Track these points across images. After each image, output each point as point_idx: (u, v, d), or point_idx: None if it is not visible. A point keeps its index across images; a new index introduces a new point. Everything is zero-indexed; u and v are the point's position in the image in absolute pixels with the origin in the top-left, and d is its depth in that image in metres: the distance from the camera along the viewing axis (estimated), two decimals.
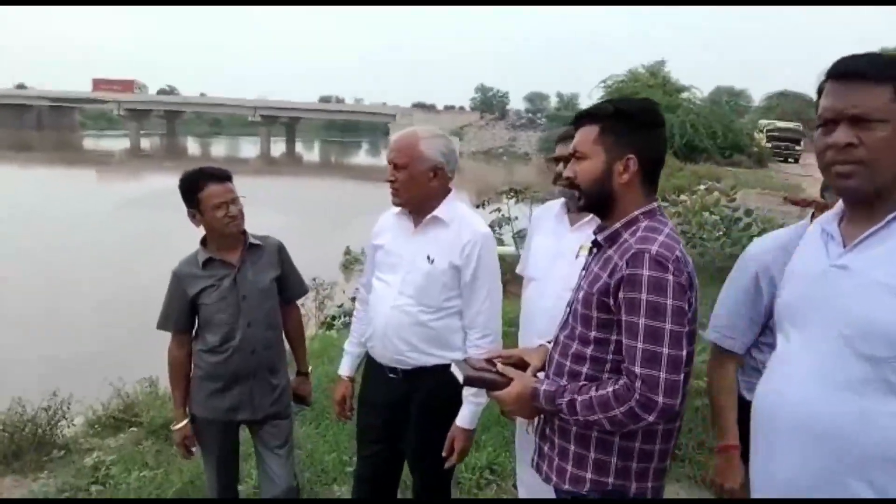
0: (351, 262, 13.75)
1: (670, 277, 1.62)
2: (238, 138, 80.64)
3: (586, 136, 1.80)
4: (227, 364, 2.67)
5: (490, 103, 78.36)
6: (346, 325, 8.79)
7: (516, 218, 10.57)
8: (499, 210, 10.33)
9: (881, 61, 1.34)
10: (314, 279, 9.22)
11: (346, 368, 2.79)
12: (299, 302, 3.08)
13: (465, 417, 2.44)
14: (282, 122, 78.40)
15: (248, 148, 68.42)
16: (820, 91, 1.41)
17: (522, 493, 2.79)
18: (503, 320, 2.63)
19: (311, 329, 7.60)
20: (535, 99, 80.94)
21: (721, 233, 8.21)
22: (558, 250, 2.54)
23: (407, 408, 2.52)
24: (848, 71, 1.36)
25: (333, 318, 9.61)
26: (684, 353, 1.63)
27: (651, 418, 1.61)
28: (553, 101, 77.47)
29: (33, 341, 8.68)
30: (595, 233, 1.88)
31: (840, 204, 1.48)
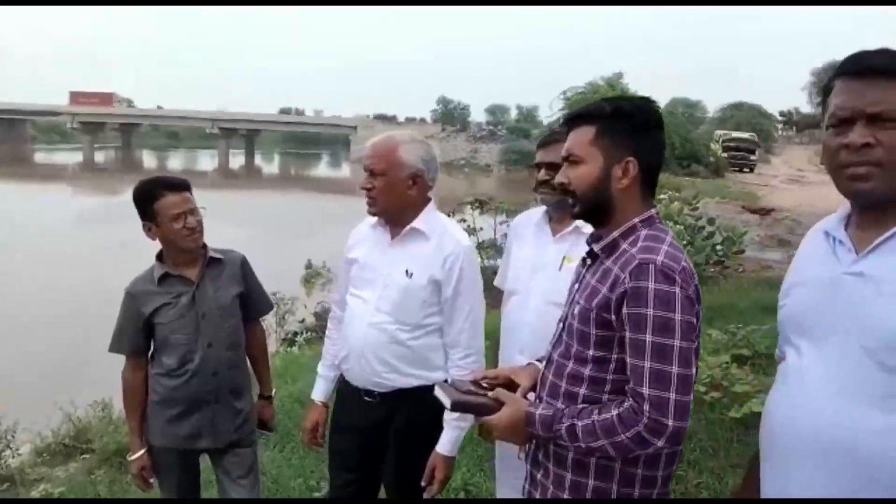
0: (312, 276, 13.52)
1: (678, 290, 1.50)
2: (196, 151, 79.42)
3: (581, 137, 1.67)
4: (185, 388, 2.48)
5: (451, 115, 78.35)
6: (309, 342, 8.61)
7: (481, 229, 10.55)
8: (464, 221, 10.26)
9: None
10: (274, 294, 8.97)
11: (319, 393, 2.59)
12: (259, 318, 2.89)
13: (445, 444, 2.28)
14: (241, 134, 77.29)
15: (207, 161, 67.42)
16: (827, 90, 1.34)
17: None
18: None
19: (272, 346, 7.38)
20: (496, 111, 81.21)
21: (685, 242, 8.25)
22: (540, 262, 2.40)
23: (385, 432, 2.36)
24: (865, 67, 1.27)
25: (295, 334, 9.41)
26: (693, 371, 1.52)
27: (660, 443, 1.49)
28: (513, 114, 77.85)
29: None
30: (589, 242, 1.75)
31: (844, 207, 1.40)
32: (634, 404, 1.50)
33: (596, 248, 1.68)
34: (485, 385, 1.84)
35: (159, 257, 2.55)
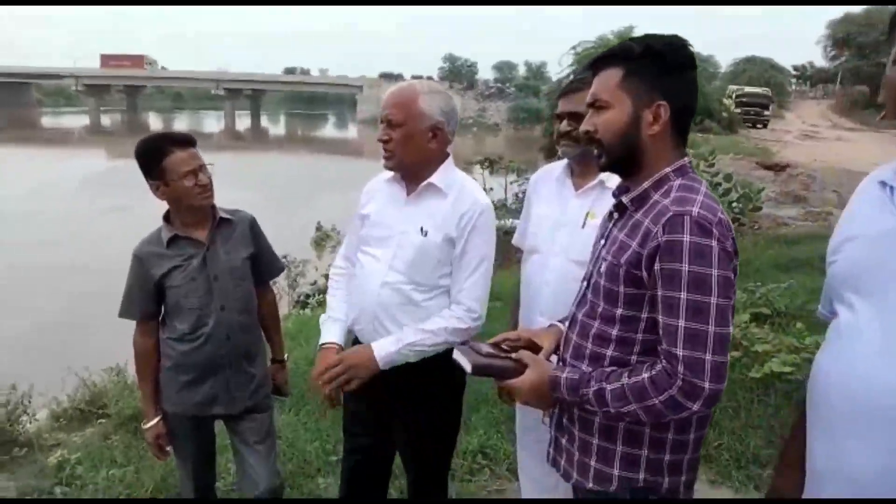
0: (322, 239, 13.49)
1: (714, 244, 1.40)
2: (201, 113, 79.02)
3: (608, 81, 1.55)
4: (199, 353, 2.41)
5: (458, 73, 77.38)
6: (321, 304, 8.57)
7: (491, 189, 10.44)
8: (480, 189, 10.14)
9: None
10: (285, 257, 8.96)
11: (332, 334, 2.30)
12: (270, 281, 2.83)
13: (380, 350, 2.14)
14: (246, 95, 76.78)
15: (212, 122, 67.12)
16: (894, 23, 1.21)
17: (524, 482, 2.59)
18: (492, 294, 2.39)
19: (284, 309, 7.37)
20: (504, 68, 79.88)
21: None
22: (562, 218, 2.28)
23: (399, 395, 2.28)
24: None
25: (307, 296, 9.41)
26: (730, 329, 1.43)
27: (695, 407, 1.41)
28: (522, 70, 76.67)
29: None
30: (616, 194, 1.65)
31: None
32: (668, 366, 1.42)
33: (625, 199, 1.58)
34: (505, 348, 1.77)
35: (166, 218, 2.45)
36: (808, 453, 1.34)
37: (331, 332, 2.31)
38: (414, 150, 2.16)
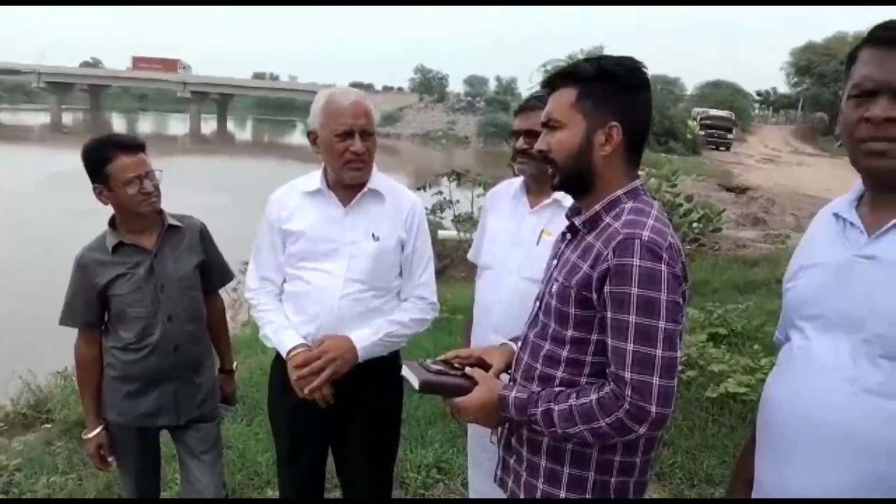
0: None
1: (664, 268, 1.39)
2: (166, 115, 77.74)
3: (562, 100, 1.54)
4: (145, 363, 2.34)
5: (429, 85, 77.46)
6: None
7: (458, 201, 10.40)
8: (440, 193, 10.11)
9: None
10: (246, 263, 8.79)
11: (294, 339, 2.18)
12: (231, 285, 2.76)
13: (363, 339, 2.15)
14: (213, 98, 75.94)
15: (178, 125, 66.08)
16: (852, 58, 1.25)
17: (475, 500, 2.56)
18: (445, 307, 2.41)
19: (242, 315, 7.21)
20: (475, 82, 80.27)
21: None
22: (517, 235, 2.28)
23: (351, 408, 2.23)
24: (894, 36, 1.19)
25: None
26: (678, 354, 1.42)
27: (642, 430, 1.40)
28: (492, 85, 77.19)
29: None
30: (569, 216, 1.64)
31: (856, 188, 1.32)
32: (616, 388, 1.40)
33: (577, 221, 1.57)
34: (456, 365, 1.74)
35: (111, 224, 2.37)
36: (756, 473, 1.37)
37: (292, 338, 2.21)
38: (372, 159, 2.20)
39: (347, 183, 2.19)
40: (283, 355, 2.20)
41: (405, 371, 1.70)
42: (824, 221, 1.37)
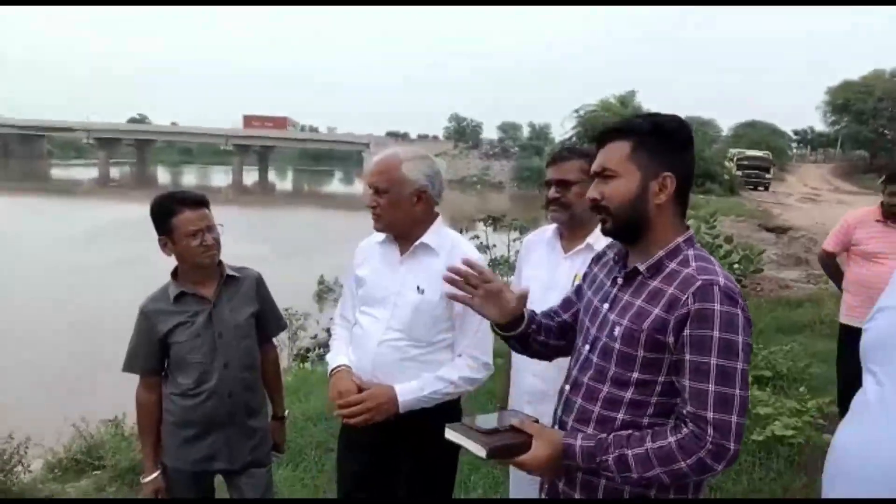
0: (325, 292, 13.48)
1: (740, 312, 1.47)
2: (210, 167, 79.84)
3: (616, 152, 1.62)
4: (201, 409, 2.43)
5: (463, 132, 78.72)
6: (321, 358, 8.53)
7: (494, 245, 10.47)
8: (476, 237, 10.19)
9: None
10: (287, 309, 8.94)
11: (341, 360, 2.37)
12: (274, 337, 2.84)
13: (407, 394, 2.20)
14: (254, 150, 77.88)
15: (220, 177, 67.78)
16: None
17: None
18: (493, 350, 2.43)
19: (284, 362, 7.34)
20: (508, 129, 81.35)
21: None
22: (552, 280, 2.36)
23: (396, 453, 2.30)
24: None
25: (308, 350, 9.35)
26: (748, 393, 1.48)
27: (720, 468, 1.44)
28: (525, 131, 77.97)
29: None
30: (616, 260, 1.71)
31: None
32: (697, 429, 1.44)
33: (641, 267, 1.61)
34: (505, 427, 1.65)
35: (174, 275, 2.51)
36: None
37: (337, 359, 2.39)
38: (401, 214, 2.26)
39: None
40: (328, 370, 2.40)
41: (453, 435, 1.62)
42: None
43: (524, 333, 1.80)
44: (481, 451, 1.54)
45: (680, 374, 1.49)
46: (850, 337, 4.26)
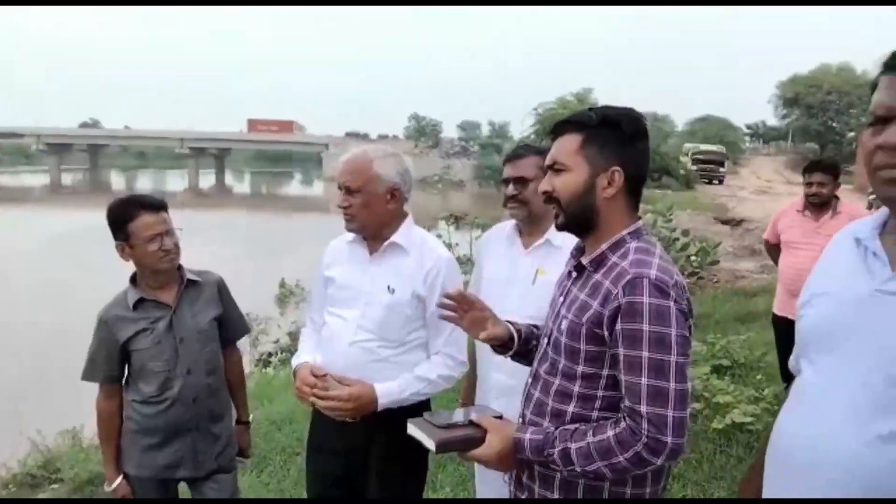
0: (286, 296, 13.35)
1: (672, 304, 1.47)
2: (165, 171, 78.30)
3: (567, 145, 1.63)
4: (164, 416, 2.39)
5: (423, 132, 78.73)
6: (284, 363, 8.46)
7: (457, 244, 10.52)
8: (439, 236, 10.20)
9: None
10: (248, 314, 8.81)
11: (301, 358, 2.36)
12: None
13: (385, 393, 2.19)
14: (210, 153, 76.60)
15: (176, 181, 66.55)
16: (874, 86, 1.20)
17: None
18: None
19: (246, 367, 7.25)
20: (468, 127, 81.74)
21: None
22: (512, 275, 2.39)
23: (366, 454, 2.29)
24: None
25: (270, 354, 9.26)
26: (688, 385, 1.49)
27: (659, 462, 1.45)
28: (485, 130, 78.33)
29: None
30: (574, 254, 1.72)
31: (881, 212, 1.26)
32: (632, 423, 1.46)
33: (584, 261, 1.64)
34: (463, 421, 1.68)
35: (133, 280, 2.46)
36: (766, 496, 1.34)
37: (303, 356, 2.36)
38: (374, 213, 2.25)
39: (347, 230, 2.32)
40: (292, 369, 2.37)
41: (413, 430, 1.67)
42: (844, 246, 1.29)
43: (524, 351, 1.83)
44: (431, 444, 1.58)
45: (617, 368, 1.51)
46: (780, 327, 4.43)
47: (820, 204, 4.21)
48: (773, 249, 4.62)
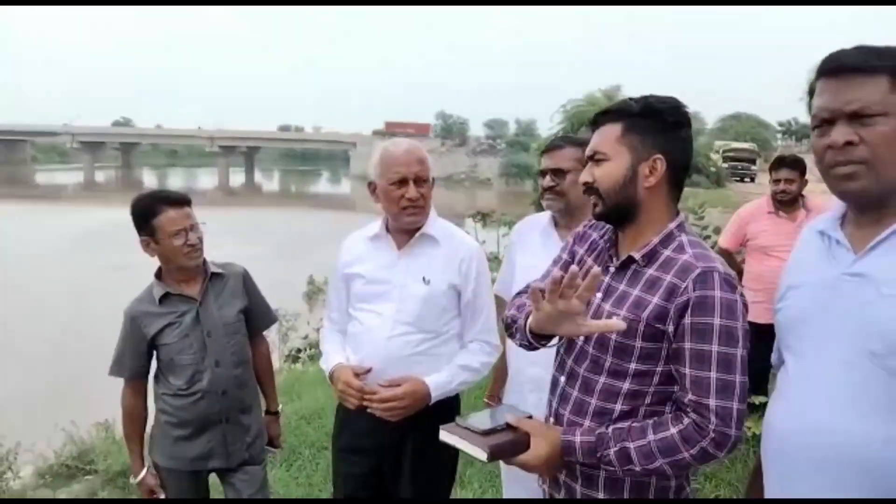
0: (314, 292, 13.43)
1: (739, 298, 1.46)
2: (195, 169, 79.39)
3: (608, 135, 1.59)
4: (194, 408, 2.40)
5: (451, 130, 78.79)
6: (312, 358, 8.50)
7: (484, 241, 10.47)
8: (467, 234, 10.18)
9: (873, 51, 1.23)
10: (277, 310, 8.88)
11: (335, 360, 2.28)
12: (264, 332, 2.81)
13: (435, 384, 2.17)
14: (240, 151, 77.50)
15: (206, 179, 67.41)
16: (811, 91, 1.30)
17: None
18: None
19: (275, 363, 7.30)
20: (495, 125, 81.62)
21: None
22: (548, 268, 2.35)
23: (400, 453, 2.25)
24: (840, 65, 1.24)
25: (299, 350, 9.31)
26: (747, 378, 1.46)
27: (722, 455, 1.42)
28: (512, 128, 78.13)
29: None
30: (610, 244, 1.67)
31: (840, 205, 1.33)
32: (699, 418, 1.42)
33: (636, 255, 1.57)
34: (501, 425, 1.56)
35: (158, 275, 2.47)
36: (767, 493, 1.37)
37: (335, 357, 2.29)
38: (429, 205, 2.25)
39: (404, 228, 2.25)
40: (327, 375, 2.30)
41: (449, 437, 1.55)
42: (810, 240, 1.38)
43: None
44: (482, 455, 1.47)
45: (679, 362, 1.46)
46: (752, 334, 4.24)
47: (789, 201, 4.09)
48: (726, 256, 4.19)
